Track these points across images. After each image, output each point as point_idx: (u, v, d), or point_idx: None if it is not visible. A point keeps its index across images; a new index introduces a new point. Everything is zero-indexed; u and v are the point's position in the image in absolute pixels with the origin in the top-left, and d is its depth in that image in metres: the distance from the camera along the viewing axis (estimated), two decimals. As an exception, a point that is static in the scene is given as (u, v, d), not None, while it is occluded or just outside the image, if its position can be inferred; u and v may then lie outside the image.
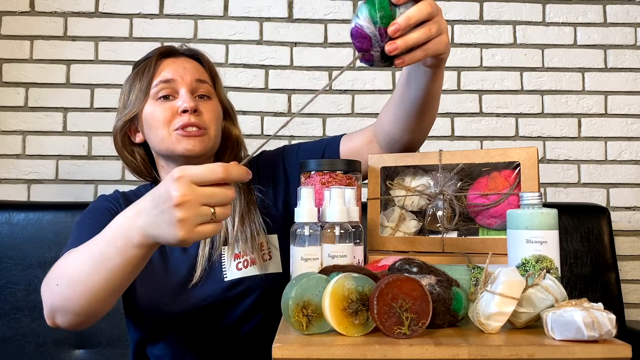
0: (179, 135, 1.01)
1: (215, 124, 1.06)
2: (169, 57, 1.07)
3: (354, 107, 1.82)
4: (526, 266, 0.76)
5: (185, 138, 1.01)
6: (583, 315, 0.60)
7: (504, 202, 0.94)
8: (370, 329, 0.64)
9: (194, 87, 1.05)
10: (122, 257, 0.72)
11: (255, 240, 1.01)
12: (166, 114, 1.02)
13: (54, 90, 1.76)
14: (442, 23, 0.77)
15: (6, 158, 1.74)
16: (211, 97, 1.08)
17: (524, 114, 1.83)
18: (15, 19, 1.77)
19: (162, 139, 1.03)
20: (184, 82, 1.03)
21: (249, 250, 1.00)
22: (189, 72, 1.05)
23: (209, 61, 1.12)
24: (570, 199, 1.81)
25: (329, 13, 1.82)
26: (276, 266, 1.03)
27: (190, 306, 0.98)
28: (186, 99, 1.02)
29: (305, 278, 0.67)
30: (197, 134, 1.02)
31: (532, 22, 1.85)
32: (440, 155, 0.99)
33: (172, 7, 1.80)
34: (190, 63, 1.07)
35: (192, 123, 1.01)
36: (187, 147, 1.01)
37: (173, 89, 1.03)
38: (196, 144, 1.01)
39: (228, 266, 1.00)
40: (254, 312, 1.01)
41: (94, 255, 0.75)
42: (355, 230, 0.84)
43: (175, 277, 1.00)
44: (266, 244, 1.03)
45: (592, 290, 1.56)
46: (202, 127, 1.02)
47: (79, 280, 0.76)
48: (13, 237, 1.50)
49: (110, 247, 0.73)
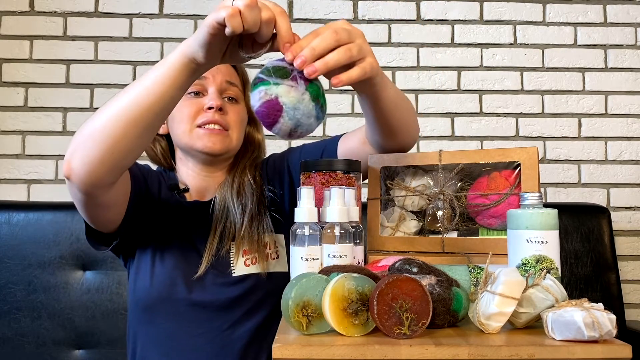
0: (200, 132, 1.03)
1: (239, 126, 1.08)
2: None
3: (354, 107, 1.81)
4: (526, 266, 0.76)
5: (207, 135, 1.03)
6: (583, 316, 0.60)
7: (504, 202, 0.94)
8: (370, 329, 0.64)
9: (224, 88, 1.07)
10: (157, 71, 0.77)
11: (261, 240, 1.03)
12: (192, 109, 1.04)
13: (54, 90, 1.76)
14: (363, 46, 0.76)
15: (6, 158, 1.74)
16: (239, 101, 1.10)
17: (524, 114, 1.83)
18: (15, 19, 1.77)
19: (183, 133, 1.04)
20: (214, 81, 1.06)
21: (255, 249, 1.02)
22: (221, 73, 1.07)
23: (242, 67, 1.14)
24: (570, 199, 1.81)
25: (329, 13, 1.82)
26: (283, 265, 1.05)
27: (196, 298, 0.99)
28: (214, 96, 1.04)
29: (305, 278, 0.67)
30: (219, 132, 1.03)
31: (532, 22, 1.85)
32: (440, 155, 0.99)
33: (172, 7, 1.80)
34: (225, 66, 1.09)
35: (215, 120, 1.03)
36: (207, 144, 1.03)
37: (203, 87, 1.05)
38: (216, 142, 1.03)
39: (236, 262, 1.02)
40: (259, 309, 1.02)
41: (131, 84, 0.80)
42: (355, 230, 0.84)
43: (184, 268, 1.01)
44: (274, 243, 1.05)
45: (592, 290, 1.56)
46: (224, 126, 1.04)
47: (113, 102, 0.79)
48: (13, 237, 1.50)
49: (147, 74, 0.79)
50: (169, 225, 1.05)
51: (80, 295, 1.50)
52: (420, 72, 1.83)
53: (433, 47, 1.84)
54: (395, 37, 1.84)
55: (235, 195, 1.05)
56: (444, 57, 1.84)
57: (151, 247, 1.04)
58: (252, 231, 1.03)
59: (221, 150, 1.04)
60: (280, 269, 1.04)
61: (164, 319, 1.01)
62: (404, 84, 1.82)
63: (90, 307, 1.50)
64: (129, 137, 0.79)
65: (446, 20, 1.84)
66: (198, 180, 1.10)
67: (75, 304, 1.49)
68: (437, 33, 1.84)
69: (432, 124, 1.82)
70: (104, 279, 1.51)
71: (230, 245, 1.02)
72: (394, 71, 1.82)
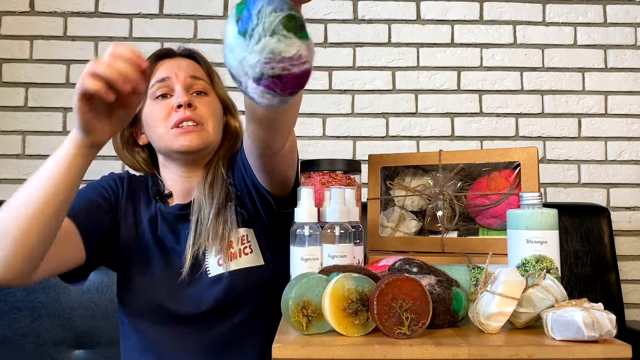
0: (176, 132, 1.01)
1: (213, 118, 1.06)
2: (165, 58, 1.08)
3: (354, 107, 1.82)
4: (526, 266, 0.76)
5: (182, 134, 1.01)
6: (583, 316, 0.60)
7: (504, 202, 0.94)
8: (370, 329, 0.64)
9: (189, 84, 1.05)
10: (54, 160, 0.81)
11: (225, 236, 1.00)
12: (162, 112, 1.03)
13: (54, 90, 1.76)
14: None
15: (6, 158, 1.74)
16: (208, 93, 1.08)
17: (524, 114, 1.83)
18: (15, 19, 1.77)
19: (160, 137, 1.03)
20: (178, 79, 1.04)
21: (225, 246, 1.00)
22: (183, 70, 1.06)
23: (205, 59, 1.12)
24: (570, 199, 1.81)
25: (329, 13, 1.82)
26: (257, 259, 1.02)
27: (176, 302, 0.99)
28: (180, 94, 1.02)
29: (305, 278, 0.67)
30: (194, 129, 1.02)
31: (532, 22, 1.85)
32: (440, 155, 0.99)
33: (172, 7, 1.80)
34: (186, 62, 1.09)
35: (187, 117, 1.01)
36: (184, 142, 1.01)
37: (169, 87, 1.04)
38: (193, 138, 1.01)
39: (210, 262, 1.01)
40: (240, 306, 1.01)
41: (32, 176, 0.83)
42: (355, 230, 0.84)
43: (166, 274, 1.01)
44: (246, 237, 1.03)
45: (592, 290, 1.56)
46: (197, 121, 1.02)
47: (15, 198, 0.82)
48: (13, 237, 1.50)
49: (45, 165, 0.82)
50: (147, 236, 1.05)
51: (80, 295, 1.50)
52: (420, 72, 1.83)
53: (433, 47, 1.84)
54: (395, 37, 1.84)
55: (208, 189, 1.04)
56: (444, 57, 1.84)
57: (130, 261, 1.04)
58: (217, 226, 1.00)
59: (199, 145, 1.02)
60: (255, 263, 1.02)
61: (147, 324, 1.02)
62: (404, 84, 1.82)
63: (90, 307, 1.50)
64: (34, 230, 0.80)
65: (446, 20, 1.84)
66: (181, 183, 1.08)
67: (75, 304, 1.49)
68: (437, 33, 1.84)
69: (432, 124, 1.82)
70: (104, 279, 1.51)
71: (206, 244, 1.00)
72: (394, 71, 1.82)
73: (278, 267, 1.02)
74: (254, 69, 0.53)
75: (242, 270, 1.00)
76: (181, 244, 1.02)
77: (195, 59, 1.11)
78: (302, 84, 0.55)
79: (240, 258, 1.01)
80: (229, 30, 0.54)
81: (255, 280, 1.01)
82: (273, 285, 1.00)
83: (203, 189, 1.03)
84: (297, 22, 0.53)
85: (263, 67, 0.52)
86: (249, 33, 0.52)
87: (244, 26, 0.53)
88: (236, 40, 0.53)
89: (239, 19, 0.53)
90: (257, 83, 0.54)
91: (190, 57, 1.11)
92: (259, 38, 0.52)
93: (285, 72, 0.53)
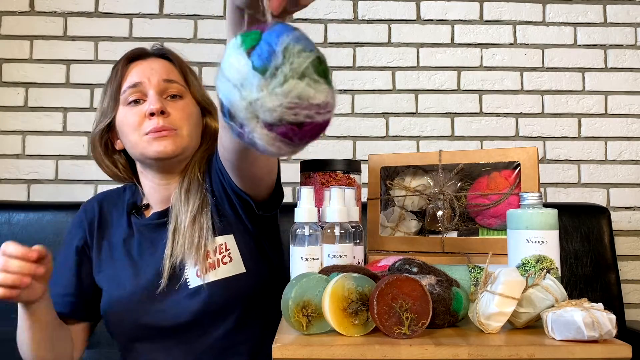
0: (149, 138, 0.98)
1: (188, 122, 1.02)
2: (137, 60, 1.04)
3: (353, 107, 1.81)
4: (526, 266, 0.76)
5: (156, 140, 0.98)
6: (583, 315, 0.60)
7: (504, 202, 0.94)
8: (370, 329, 0.64)
9: (163, 88, 1.01)
10: (20, 324, 0.99)
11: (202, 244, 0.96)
12: (135, 119, 0.99)
13: (54, 90, 1.76)
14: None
15: (6, 158, 1.74)
16: (183, 96, 1.03)
17: (524, 114, 1.83)
18: (15, 19, 1.77)
19: (134, 144, 1.00)
20: (151, 83, 1.00)
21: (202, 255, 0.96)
22: (156, 73, 1.01)
23: (180, 59, 1.07)
24: (570, 199, 1.81)
25: (329, 13, 1.82)
26: (238, 267, 0.98)
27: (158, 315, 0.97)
28: (153, 100, 0.98)
29: (305, 278, 0.67)
30: (167, 134, 0.98)
31: (532, 22, 1.85)
32: (440, 155, 0.99)
33: (172, 7, 1.80)
34: (159, 63, 1.04)
35: (161, 127, 0.97)
36: (159, 148, 0.98)
37: (142, 92, 1.00)
38: (168, 144, 0.98)
39: (189, 273, 0.97)
40: (224, 316, 0.98)
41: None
42: (355, 230, 0.84)
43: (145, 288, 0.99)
44: (225, 245, 0.98)
45: (592, 290, 1.55)
46: (171, 128, 0.99)
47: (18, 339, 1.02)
48: (13, 237, 1.49)
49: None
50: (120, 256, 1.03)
51: (80, 295, 1.50)
52: (420, 72, 1.83)
53: (433, 47, 1.84)
54: (395, 37, 1.84)
55: (184, 195, 1.00)
56: (444, 57, 1.84)
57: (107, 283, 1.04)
58: (193, 234, 0.97)
59: (175, 151, 0.99)
60: (235, 272, 0.97)
61: (131, 339, 1.01)
62: (404, 84, 1.82)
63: (90, 307, 1.49)
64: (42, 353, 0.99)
65: (446, 20, 1.84)
66: (159, 190, 1.05)
67: (75, 304, 1.49)
68: (437, 33, 1.84)
69: (432, 124, 1.82)
70: (104, 279, 1.51)
71: (183, 253, 0.96)
72: (394, 71, 1.82)
73: (261, 272, 1.00)
74: (271, 113, 0.45)
75: (222, 281, 0.96)
76: (159, 253, 0.99)
77: (170, 59, 1.06)
78: (319, 134, 0.49)
79: (219, 268, 0.97)
80: (235, 62, 0.46)
81: (236, 290, 0.97)
82: (256, 293, 0.98)
83: (179, 195, 1.00)
84: (326, 66, 0.48)
85: (284, 113, 0.45)
86: (270, 71, 0.44)
87: (262, 62, 0.45)
88: (250, 76, 0.45)
89: (252, 51, 0.46)
90: (270, 129, 0.46)
91: (164, 57, 1.06)
92: (284, 79, 0.44)
93: (308, 120, 0.46)
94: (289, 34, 0.46)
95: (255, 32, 0.47)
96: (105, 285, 1.04)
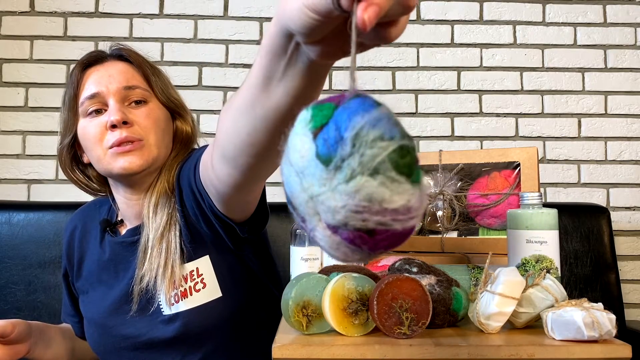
0: (113, 152, 0.90)
1: (154, 130, 0.93)
2: (94, 65, 0.96)
3: (354, 107, 1.81)
4: (526, 266, 0.76)
5: (121, 155, 0.90)
6: (583, 315, 0.60)
7: (504, 202, 0.94)
8: (370, 329, 0.64)
9: (124, 96, 0.92)
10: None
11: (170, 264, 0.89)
12: (97, 131, 0.91)
13: (54, 90, 1.76)
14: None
15: (6, 158, 1.74)
16: (148, 101, 0.95)
17: (524, 114, 1.83)
18: (15, 19, 1.77)
19: (98, 160, 0.92)
20: (110, 92, 0.91)
21: (169, 277, 0.89)
22: (115, 80, 0.92)
23: (140, 60, 0.97)
24: (570, 199, 1.81)
25: (329, 13, 1.82)
26: (213, 292, 0.91)
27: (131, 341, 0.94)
28: (113, 111, 0.90)
29: (305, 278, 0.67)
30: (132, 148, 0.90)
31: (532, 22, 1.85)
32: (440, 155, 1.00)
33: (172, 7, 1.80)
34: (118, 67, 0.95)
35: (124, 139, 0.89)
36: (125, 165, 0.89)
37: (102, 102, 0.92)
38: (134, 159, 0.90)
39: (162, 300, 0.91)
40: (200, 343, 0.92)
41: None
42: (355, 230, 0.83)
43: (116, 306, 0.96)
44: (197, 271, 0.91)
45: (592, 290, 1.55)
46: (136, 139, 0.90)
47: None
48: (13, 237, 1.50)
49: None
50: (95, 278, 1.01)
51: (81, 295, 1.50)
52: (420, 72, 1.83)
53: (433, 47, 1.84)
54: (395, 37, 1.84)
55: (152, 211, 0.92)
56: (444, 57, 1.84)
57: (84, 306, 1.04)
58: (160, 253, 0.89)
59: (142, 165, 0.90)
60: (211, 297, 0.90)
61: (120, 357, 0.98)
62: (404, 84, 1.82)
63: (90, 307, 1.50)
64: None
65: (446, 20, 1.85)
66: (132, 205, 0.97)
67: (76, 304, 1.49)
68: (437, 33, 1.84)
69: (432, 124, 1.82)
70: (104, 279, 1.51)
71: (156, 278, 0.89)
72: (394, 71, 1.82)
73: (245, 292, 0.94)
74: (333, 214, 0.35)
75: (196, 309, 0.89)
76: (130, 273, 0.94)
77: (130, 61, 0.96)
78: (398, 244, 0.37)
79: (192, 296, 0.90)
80: (299, 144, 0.37)
81: (214, 316, 0.90)
82: (238, 315, 0.92)
83: (148, 212, 0.92)
84: (412, 158, 0.35)
85: (349, 217, 0.35)
86: (335, 162, 0.35)
87: (327, 149, 0.35)
88: (312, 165, 0.36)
89: (320, 132, 0.36)
90: (334, 231, 0.36)
91: (124, 60, 0.97)
92: (351, 175, 0.34)
93: (381, 228, 0.35)
94: (364, 113, 0.35)
95: (329, 105, 0.37)
96: (82, 309, 1.04)
